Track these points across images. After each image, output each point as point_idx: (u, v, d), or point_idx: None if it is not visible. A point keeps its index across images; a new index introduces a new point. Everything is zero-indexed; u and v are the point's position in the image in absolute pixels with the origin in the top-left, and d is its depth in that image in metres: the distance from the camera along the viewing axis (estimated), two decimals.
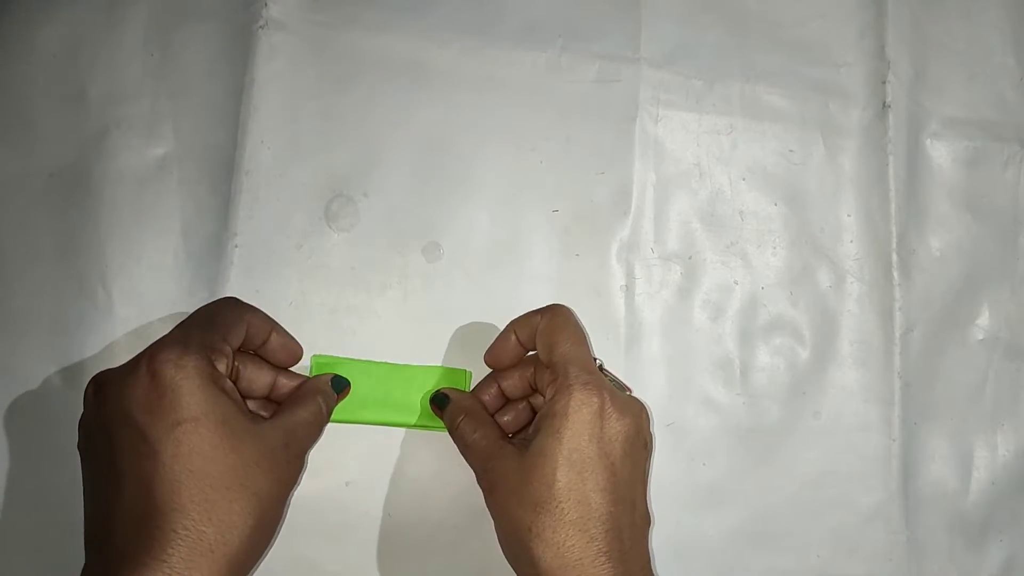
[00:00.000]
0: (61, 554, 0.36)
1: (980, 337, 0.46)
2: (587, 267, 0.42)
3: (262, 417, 0.33)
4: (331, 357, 0.39)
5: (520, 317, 0.37)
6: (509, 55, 0.43)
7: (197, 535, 0.28)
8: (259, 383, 0.36)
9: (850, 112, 0.46)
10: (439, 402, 0.38)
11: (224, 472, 0.29)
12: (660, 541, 0.41)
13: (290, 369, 0.38)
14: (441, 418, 0.38)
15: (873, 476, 0.43)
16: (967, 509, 0.44)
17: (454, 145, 0.42)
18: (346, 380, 0.38)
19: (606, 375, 0.36)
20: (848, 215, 0.45)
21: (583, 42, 0.44)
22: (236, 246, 0.40)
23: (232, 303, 0.35)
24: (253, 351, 0.36)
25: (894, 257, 0.45)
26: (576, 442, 0.32)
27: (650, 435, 0.35)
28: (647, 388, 0.42)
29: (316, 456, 0.37)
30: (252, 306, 0.36)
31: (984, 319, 0.46)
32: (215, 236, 0.40)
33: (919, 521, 0.43)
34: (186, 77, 0.41)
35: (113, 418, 0.30)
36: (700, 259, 0.44)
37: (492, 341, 0.38)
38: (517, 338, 0.37)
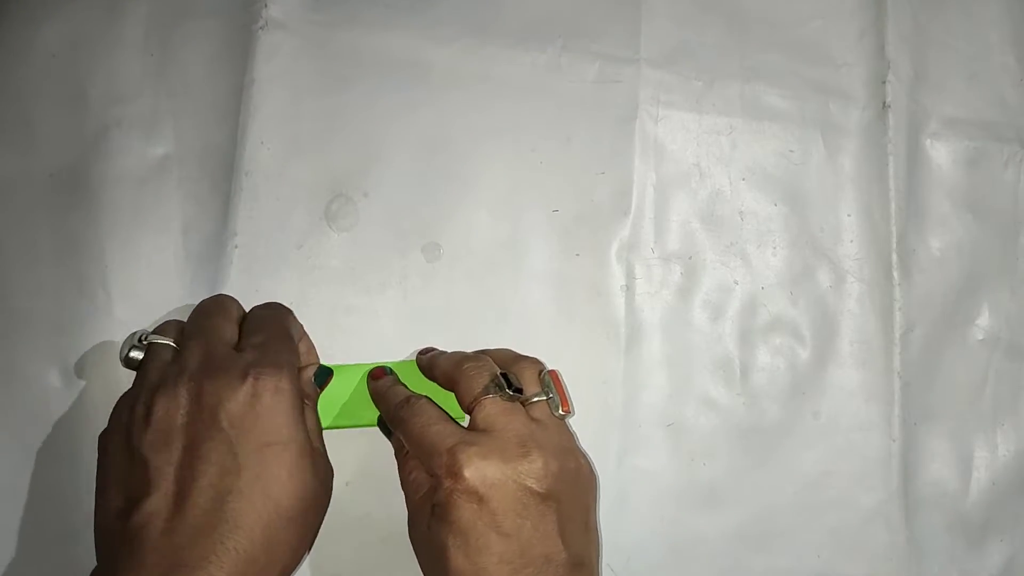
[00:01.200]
0: (61, 554, 0.36)
1: (980, 337, 0.46)
2: (587, 267, 0.42)
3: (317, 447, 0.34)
4: (328, 365, 0.39)
5: (387, 403, 0.36)
6: (509, 55, 0.43)
7: (250, 559, 0.29)
8: None
9: (850, 112, 0.46)
10: (385, 429, 0.37)
11: (293, 503, 0.30)
12: (660, 541, 0.41)
13: None
14: (391, 441, 0.37)
15: (873, 476, 0.43)
16: (967, 509, 0.44)
17: (454, 145, 0.42)
18: (327, 369, 0.37)
19: (532, 397, 0.34)
20: (848, 215, 0.45)
21: (583, 42, 0.44)
22: (236, 246, 0.40)
23: (290, 316, 0.37)
24: None
25: (894, 257, 0.45)
26: (458, 526, 0.30)
27: (563, 478, 0.32)
28: (647, 388, 0.42)
29: None
30: (293, 313, 0.37)
31: (984, 319, 0.46)
32: (215, 236, 0.40)
33: (919, 521, 0.43)
34: (186, 77, 0.41)
35: (206, 424, 0.30)
36: (700, 259, 0.44)
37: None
38: (380, 410, 0.37)
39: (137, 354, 0.34)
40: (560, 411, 0.34)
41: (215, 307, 0.35)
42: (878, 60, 0.47)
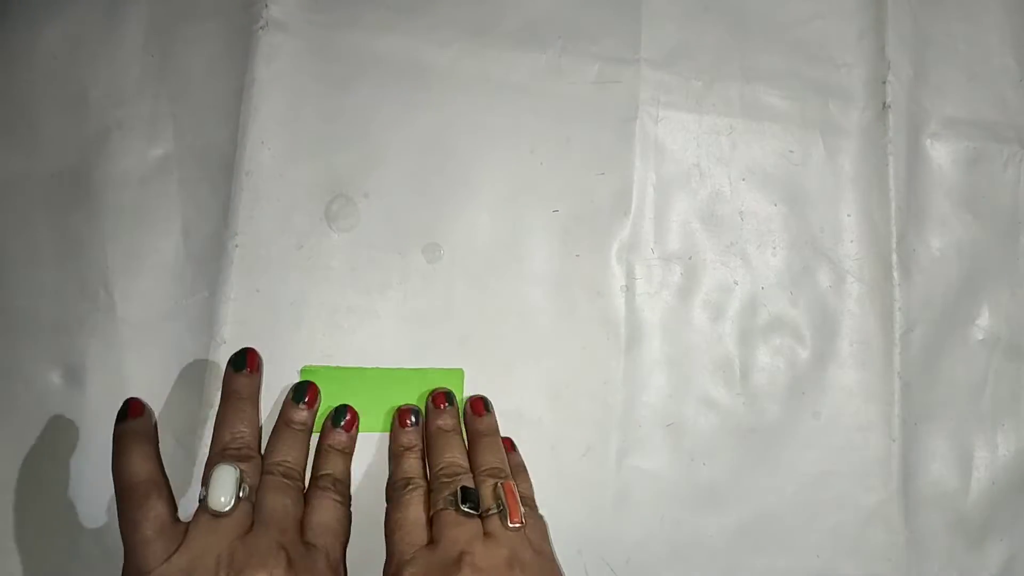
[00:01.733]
0: (61, 554, 0.37)
1: (980, 337, 0.46)
2: (587, 267, 0.42)
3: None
4: (320, 367, 0.39)
5: (390, 480, 0.38)
6: (509, 56, 0.43)
7: None
8: None
9: (850, 112, 0.46)
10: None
11: None
12: (660, 541, 0.41)
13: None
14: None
15: (873, 476, 0.43)
16: (967, 509, 0.44)
17: (454, 146, 0.42)
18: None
19: (481, 508, 0.35)
20: (848, 215, 0.45)
21: (583, 43, 0.44)
22: (236, 246, 0.40)
23: (337, 501, 0.36)
24: None
25: (894, 257, 0.45)
26: None
27: (529, 557, 0.34)
28: (647, 388, 0.42)
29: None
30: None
31: (984, 319, 0.46)
32: (215, 236, 0.40)
33: (919, 521, 0.43)
34: (187, 78, 0.41)
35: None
36: (700, 259, 0.44)
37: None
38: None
39: (225, 503, 0.33)
40: (510, 523, 0.34)
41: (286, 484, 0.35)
42: (878, 60, 0.47)
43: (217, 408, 0.36)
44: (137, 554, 0.31)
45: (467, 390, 0.40)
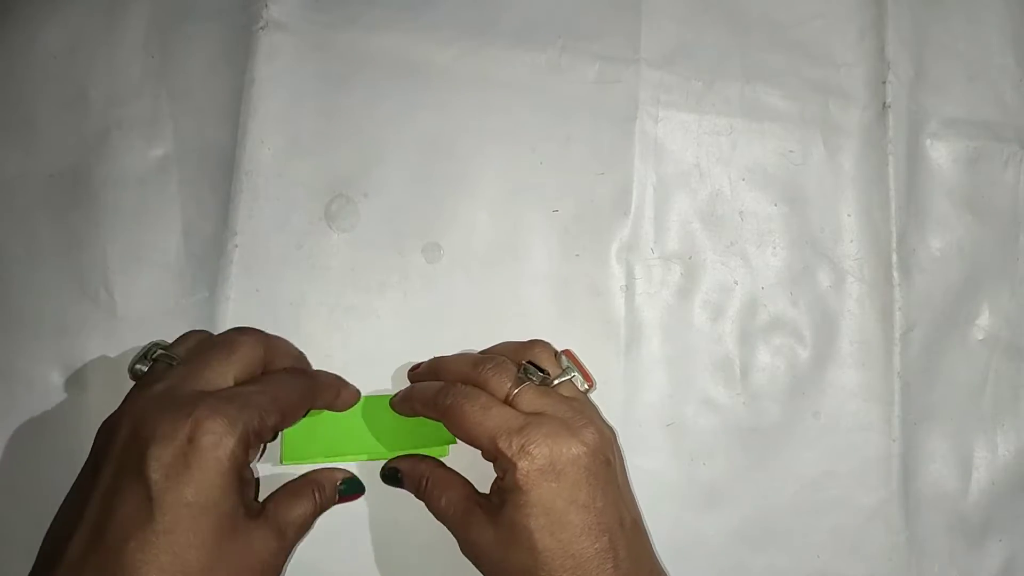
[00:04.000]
0: None
1: (980, 337, 0.46)
2: (587, 267, 0.42)
3: (260, 508, 0.32)
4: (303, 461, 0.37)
5: (417, 400, 0.36)
6: (509, 55, 0.43)
7: None
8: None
9: (850, 112, 0.46)
10: (391, 480, 0.37)
11: (202, 569, 0.28)
12: (660, 541, 0.41)
13: None
14: (400, 487, 0.37)
15: (873, 476, 0.43)
16: (967, 509, 0.44)
17: (454, 145, 0.42)
18: (360, 486, 0.37)
19: (556, 378, 0.35)
20: (848, 215, 0.45)
21: (583, 42, 0.44)
22: (236, 246, 0.40)
23: (304, 382, 0.35)
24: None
25: (894, 257, 0.45)
26: (540, 507, 0.31)
27: (607, 441, 0.33)
28: (647, 388, 0.42)
29: None
30: (322, 374, 0.36)
31: (984, 319, 0.46)
32: (215, 236, 0.40)
33: (919, 521, 0.43)
34: (186, 78, 0.41)
35: (133, 460, 0.28)
36: (700, 259, 0.44)
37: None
38: (415, 410, 0.36)
39: (142, 367, 0.33)
40: (585, 385, 0.36)
41: (225, 340, 0.33)
42: (878, 60, 0.47)
43: None
44: None
45: None
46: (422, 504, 0.37)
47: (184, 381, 0.31)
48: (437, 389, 0.35)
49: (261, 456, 0.35)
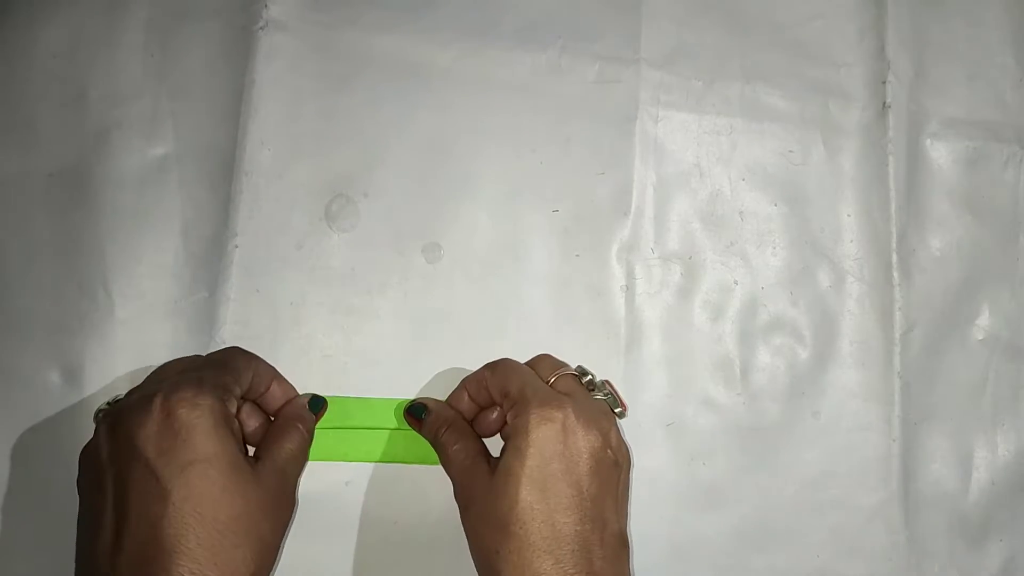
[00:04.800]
0: (61, 555, 0.36)
1: (980, 337, 0.46)
2: (587, 267, 0.42)
3: (253, 458, 0.33)
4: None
5: (471, 375, 0.37)
6: (509, 56, 0.43)
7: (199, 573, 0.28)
8: (251, 427, 0.36)
9: (850, 112, 0.46)
10: (416, 412, 0.37)
11: (232, 517, 0.29)
12: (660, 541, 0.41)
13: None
14: (416, 429, 0.37)
15: (873, 476, 0.43)
16: (967, 509, 0.44)
17: (454, 145, 0.42)
18: (323, 399, 0.38)
19: (595, 391, 0.36)
20: (848, 215, 0.45)
21: (583, 43, 0.44)
22: (236, 246, 0.40)
23: (239, 351, 0.36)
24: (254, 400, 0.36)
25: (894, 257, 0.45)
26: (538, 459, 0.31)
27: (623, 452, 0.34)
28: (647, 388, 0.42)
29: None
30: (257, 356, 0.36)
31: (984, 319, 0.46)
32: (215, 236, 0.40)
33: (919, 521, 0.43)
34: (186, 78, 0.41)
35: (124, 455, 0.29)
36: (700, 259, 0.44)
37: (449, 393, 0.38)
38: (469, 395, 0.37)
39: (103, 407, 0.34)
40: (618, 408, 0.36)
41: (213, 357, 0.35)
42: (878, 60, 0.47)
43: None
44: None
45: None
46: (422, 504, 0.37)
47: (137, 389, 0.33)
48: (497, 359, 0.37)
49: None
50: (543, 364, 0.37)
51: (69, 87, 0.41)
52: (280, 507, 0.32)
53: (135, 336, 0.39)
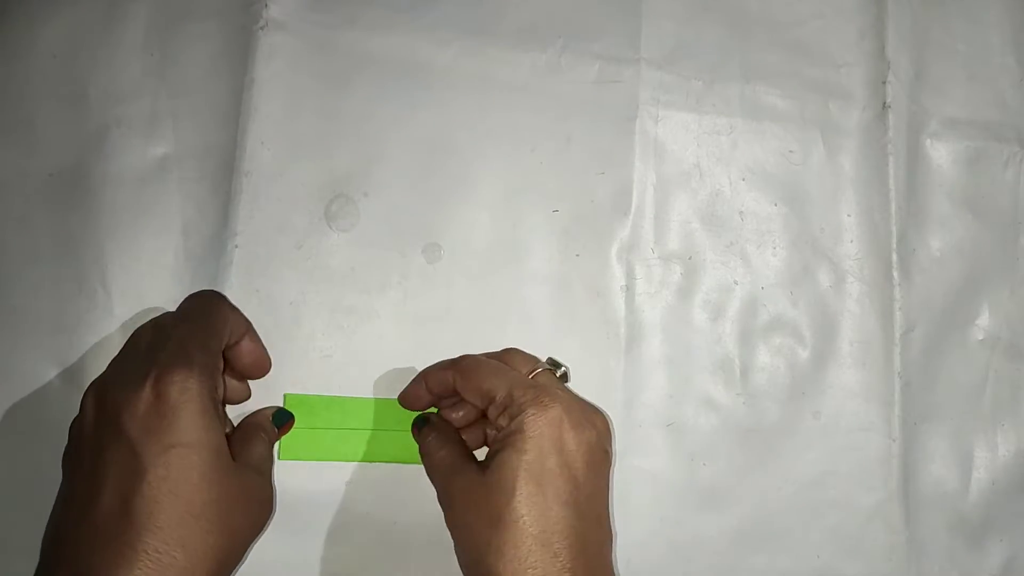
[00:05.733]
0: None
1: (980, 337, 0.46)
2: (587, 267, 0.42)
3: (242, 462, 0.33)
4: (303, 396, 0.38)
5: (432, 368, 0.37)
6: (509, 55, 0.43)
7: (168, 559, 0.27)
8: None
9: (850, 112, 0.46)
10: (419, 424, 0.37)
11: (206, 503, 0.29)
12: (660, 541, 0.41)
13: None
14: (417, 440, 0.37)
15: (873, 476, 0.43)
16: (967, 509, 0.44)
17: (454, 145, 0.42)
18: (289, 413, 0.37)
19: (567, 377, 0.36)
20: (848, 215, 0.45)
21: (583, 42, 0.44)
22: (236, 246, 0.40)
23: (216, 303, 0.35)
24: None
25: (894, 257, 0.45)
26: (536, 454, 0.31)
27: (610, 445, 0.35)
28: (647, 388, 0.42)
29: None
30: (233, 306, 0.35)
31: (984, 319, 0.46)
32: (215, 236, 0.40)
33: (919, 521, 0.43)
34: (186, 77, 0.41)
35: (108, 429, 0.29)
36: (700, 259, 0.44)
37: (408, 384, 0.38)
38: (428, 388, 0.36)
39: None
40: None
41: (197, 323, 0.34)
42: (878, 60, 0.47)
43: None
44: None
45: None
46: (421, 504, 0.37)
47: (119, 359, 0.32)
48: (457, 357, 0.36)
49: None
50: (517, 359, 0.36)
51: (68, 85, 0.41)
52: (256, 504, 0.32)
53: None
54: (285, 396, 0.38)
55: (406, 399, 0.37)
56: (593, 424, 0.33)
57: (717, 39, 0.46)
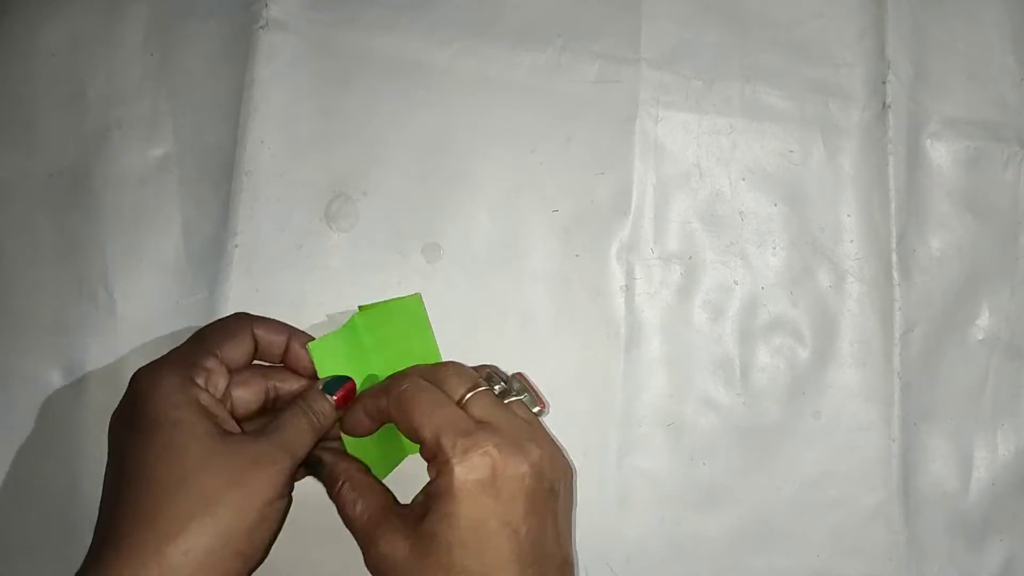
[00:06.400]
0: (61, 554, 0.36)
1: (980, 337, 0.46)
2: (587, 267, 0.42)
3: (243, 435, 0.31)
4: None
5: (368, 393, 0.33)
6: (509, 55, 0.43)
7: (139, 538, 0.28)
8: (250, 397, 0.34)
9: (850, 112, 0.46)
10: (312, 467, 0.34)
11: (169, 476, 0.28)
12: (660, 541, 0.41)
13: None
14: (320, 480, 0.34)
15: (873, 476, 0.43)
16: (967, 509, 0.44)
17: (454, 145, 0.42)
18: (344, 378, 0.34)
19: (511, 396, 0.34)
20: (848, 215, 0.45)
21: (583, 42, 0.44)
22: (236, 246, 0.40)
23: (234, 318, 0.35)
24: (281, 363, 0.35)
25: (894, 257, 0.45)
26: (470, 521, 0.28)
27: (557, 471, 0.31)
28: (647, 388, 0.42)
29: None
30: (262, 317, 0.35)
31: (984, 319, 0.46)
32: (215, 236, 0.40)
33: (919, 521, 0.43)
34: (186, 77, 0.41)
35: (111, 443, 0.31)
36: (700, 259, 0.44)
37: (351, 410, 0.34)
38: (367, 415, 0.33)
39: None
40: (536, 408, 0.34)
41: (198, 332, 0.35)
42: (878, 60, 0.47)
43: None
44: None
45: None
46: None
47: None
48: (392, 378, 0.33)
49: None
50: (450, 380, 0.33)
51: (69, 86, 0.41)
52: (247, 480, 0.29)
53: (136, 335, 0.39)
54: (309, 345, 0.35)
55: (347, 427, 0.34)
56: (529, 459, 0.30)
57: (717, 39, 0.46)
